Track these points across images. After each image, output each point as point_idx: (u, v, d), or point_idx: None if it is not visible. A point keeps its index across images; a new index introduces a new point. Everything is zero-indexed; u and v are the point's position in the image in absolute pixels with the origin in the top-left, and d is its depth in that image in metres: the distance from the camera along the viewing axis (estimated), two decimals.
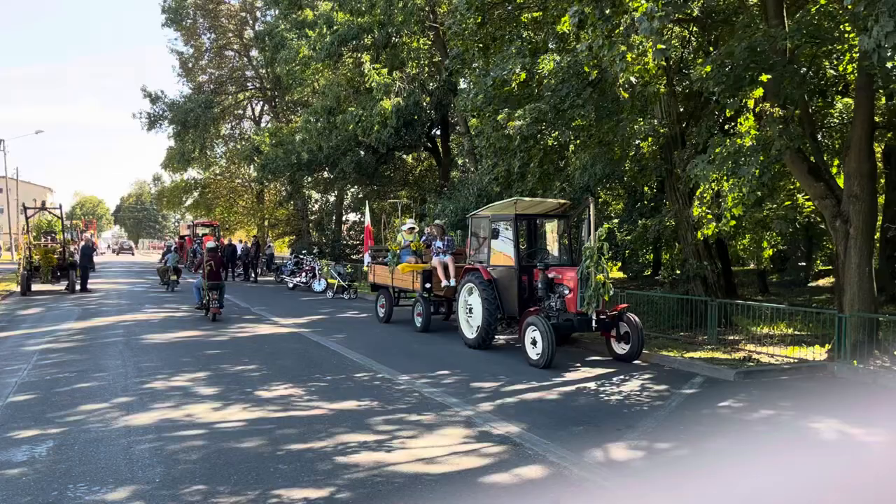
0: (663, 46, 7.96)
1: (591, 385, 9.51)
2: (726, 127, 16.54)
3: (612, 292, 10.82)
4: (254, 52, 46.85)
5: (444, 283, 14.12)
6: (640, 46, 8.64)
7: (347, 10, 24.13)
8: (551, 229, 12.87)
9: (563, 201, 12.76)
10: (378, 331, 15.19)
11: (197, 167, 48.94)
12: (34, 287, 23.58)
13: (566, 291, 11.01)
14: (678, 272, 21.94)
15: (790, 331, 13.83)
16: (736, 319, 14.76)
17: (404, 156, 33.92)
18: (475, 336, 12.39)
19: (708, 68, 9.40)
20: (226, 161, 52.18)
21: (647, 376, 10.17)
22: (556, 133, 12.82)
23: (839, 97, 16.38)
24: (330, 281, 25.67)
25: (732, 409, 8.24)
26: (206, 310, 17.01)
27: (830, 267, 31.13)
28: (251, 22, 47.05)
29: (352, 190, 40.50)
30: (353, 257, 38.01)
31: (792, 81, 9.54)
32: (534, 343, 10.68)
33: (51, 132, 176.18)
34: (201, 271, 17.45)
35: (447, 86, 24.80)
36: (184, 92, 46.68)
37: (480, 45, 13.45)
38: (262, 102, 51.18)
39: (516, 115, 11.52)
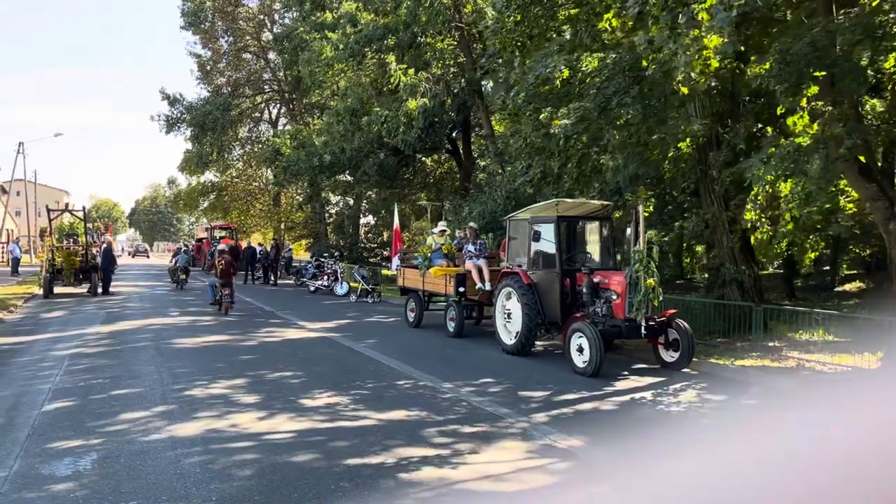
0: (728, 40, 7.59)
1: (646, 395, 9.12)
2: (754, 129, 16.14)
3: (661, 297, 10.44)
4: (272, 55, 46.77)
5: (478, 286, 13.78)
6: (700, 41, 8.26)
7: (372, 9, 23.87)
8: (592, 232, 12.48)
9: (604, 203, 12.38)
10: (409, 336, 14.85)
11: (214, 170, 48.81)
12: (55, 290, 23.39)
13: (613, 296, 10.62)
14: (706, 276, 21.46)
15: (831, 337, 13.37)
16: (772, 325, 14.32)
17: (423, 158, 33.61)
18: (514, 342, 12.02)
19: (767, 65, 9.01)
20: (242, 164, 52.14)
21: (701, 385, 9.77)
22: (592, 133, 12.40)
23: (866, 98, 15.92)
24: (353, 285, 25.42)
25: (801, 422, 7.82)
26: (219, 305, 18.71)
27: (855, 271, 30.57)
28: (269, 25, 46.95)
29: (369, 193, 40.25)
30: (371, 260, 37.80)
31: (856, 79, 9.14)
32: (580, 350, 10.30)
33: (65, 135, 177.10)
34: (214, 271, 19.22)
35: (472, 87, 24.49)
36: (202, 94, 46.63)
37: (518, 43, 13.10)
38: (279, 105, 51.10)
39: (559, 113, 11.15)
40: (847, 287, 28.83)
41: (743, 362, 11.14)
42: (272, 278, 31.97)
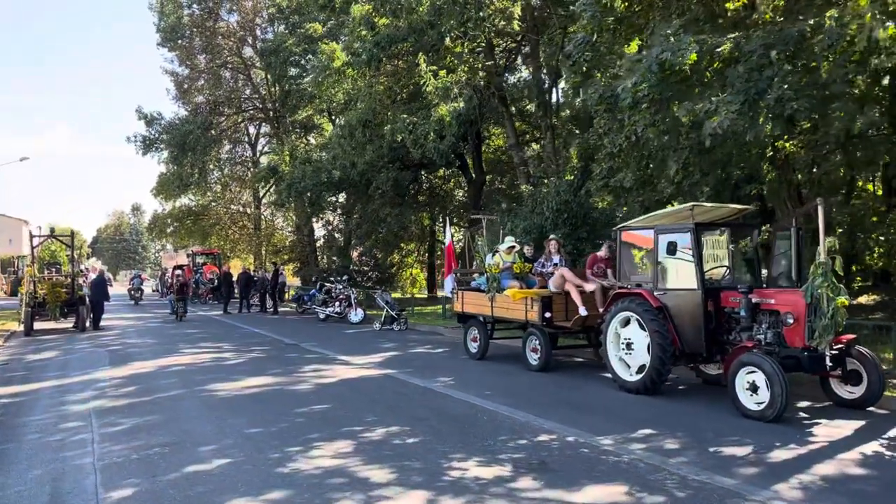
0: None
1: (874, 447, 7.11)
2: None
3: (845, 321, 8.50)
4: (254, 72, 44.50)
5: (581, 309, 11.70)
6: None
7: (388, 11, 21.85)
8: (730, 241, 10.45)
9: (741, 207, 10.43)
10: (484, 370, 12.68)
11: (195, 192, 46.07)
12: (35, 325, 20.64)
13: (789, 320, 8.63)
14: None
15: None
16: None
17: (425, 174, 31.44)
18: (639, 378, 9.93)
19: None
20: (220, 187, 49.53)
21: None
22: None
23: None
24: (371, 312, 23.23)
25: None
26: (175, 314, 24.96)
27: (861, 284, 29.21)
28: (251, 40, 44.64)
29: (356, 213, 37.75)
30: (366, 285, 35.39)
31: None
32: (753, 389, 8.28)
33: (24, 163, 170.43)
34: (172, 290, 27.18)
35: (500, 92, 22.66)
36: (180, 114, 44.04)
37: (615, 26, 11.20)
38: (259, 124, 48.75)
39: (697, 107, 9.25)
40: (861, 300, 27.42)
41: None
42: (271, 306, 29.48)
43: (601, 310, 11.73)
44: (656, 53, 9.92)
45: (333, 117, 39.23)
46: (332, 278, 27.29)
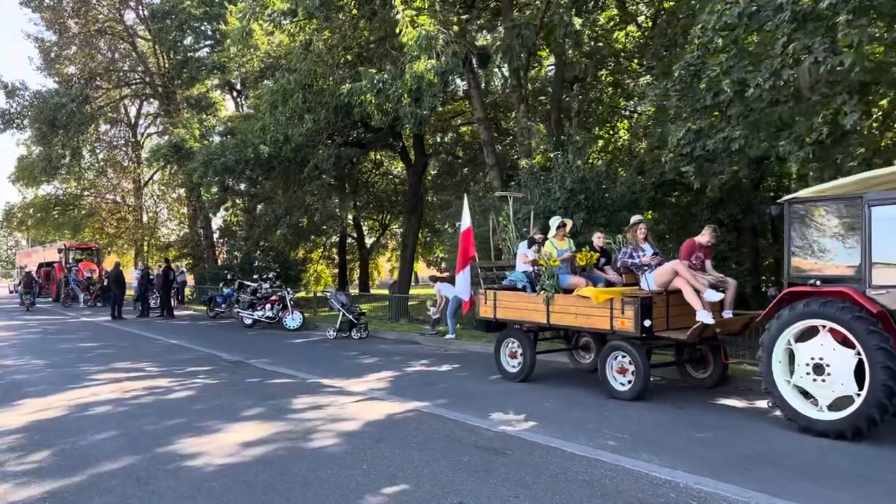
0: None
1: None
2: None
3: None
4: (141, 41, 38.75)
5: (702, 315, 8.47)
6: None
7: None
8: None
9: None
10: (553, 401, 9.17)
11: (66, 177, 39.60)
12: None
13: None
14: None
15: None
16: None
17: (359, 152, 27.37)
18: (842, 416, 6.82)
19: None
20: (95, 173, 43.21)
21: None
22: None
23: None
24: (307, 315, 19.25)
25: None
26: (23, 304, 29.13)
27: None
28: (133, 3, 38.75)
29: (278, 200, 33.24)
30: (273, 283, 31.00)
31: None
32: None
33: None
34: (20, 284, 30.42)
35: (470, 56, 19.23)
36: (48, 86, 37.55)
37: None
38: (141, 102, 42.92)
39: None
40: None
41: None
42: (157, 306, 24.77)
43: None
44: None
45: (239, 91, 34.54)
46: (254, 276, 22.96)
